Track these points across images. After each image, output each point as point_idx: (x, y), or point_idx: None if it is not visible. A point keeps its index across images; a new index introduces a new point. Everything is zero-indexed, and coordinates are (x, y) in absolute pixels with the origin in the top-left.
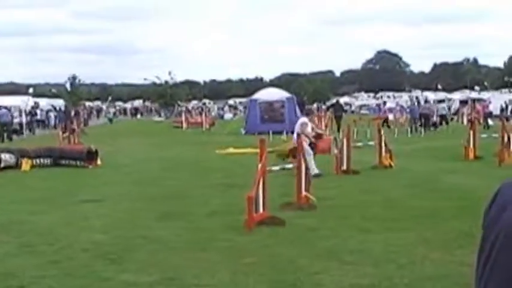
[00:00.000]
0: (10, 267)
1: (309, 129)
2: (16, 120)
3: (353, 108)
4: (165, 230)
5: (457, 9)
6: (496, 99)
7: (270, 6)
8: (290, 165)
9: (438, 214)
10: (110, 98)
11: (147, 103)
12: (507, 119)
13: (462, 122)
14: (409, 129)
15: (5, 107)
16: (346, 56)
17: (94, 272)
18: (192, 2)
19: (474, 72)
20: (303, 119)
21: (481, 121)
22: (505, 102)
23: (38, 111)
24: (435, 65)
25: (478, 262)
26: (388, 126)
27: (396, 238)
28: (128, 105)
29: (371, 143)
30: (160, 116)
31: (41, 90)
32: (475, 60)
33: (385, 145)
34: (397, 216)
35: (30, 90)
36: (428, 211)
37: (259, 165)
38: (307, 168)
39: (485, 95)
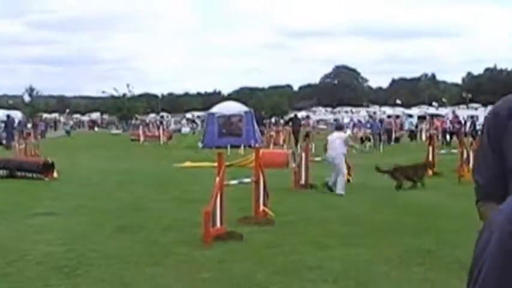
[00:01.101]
0: None
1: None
2: None
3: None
4: (120, 244)
5: (416, 25)
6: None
7: (229, 19)
8: (248, 180)
9: (398, 230)
10: (67, 110)
11: (105, 116)
12: (465, 135)
13: (421, 138)
14: (367, 145)
15: None
16: (305, 71)
17: (47, 285)
18: (149, 15)
19: (432, 88)
20: (342, 134)
21: (440, 137)
22: (463, 118)
23: None
24: (393, 81)
25: None
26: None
27: (356, 254)
28: (86, 118)
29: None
30: (117, 128)
31: None
32: (433, 76)
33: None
34: (356, 232)
35: None
36: (387, 227)
37: (217, 179)
38: (265, 183)
39: (443, 111)
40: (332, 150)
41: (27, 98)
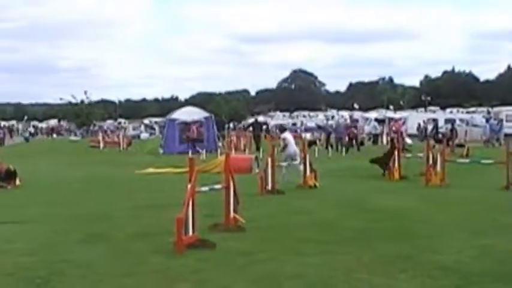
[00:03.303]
0: None
1: None
2: None
3: (269, 127)
4: (90, 253)
5: (373, 28)
6: (413, 118)
7: (185, 25)
8: (219, 186)
9: (373, 236)
10: (25, 118)
11: (63, 122)
12: (425, 138)
13: (381, 142)
14: (330, 149)
15: None
16: (262, 75)
17: None
18: (106, 22)
19: (389, 92)
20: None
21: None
22: (424, 121)
23: None
24: (350, 84)
25: None
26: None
27: (334, 261)
28: (44, 125)
29: (295, 162)
30: (76, 135)
31: None
32: (391, 80)
33: (310, 165)
34: (331, 239)
35: None
36: (362, 233)
37: (189, 186)
38: (235, 188)
39: (402, 114)
40: (294, 146)
41: None
